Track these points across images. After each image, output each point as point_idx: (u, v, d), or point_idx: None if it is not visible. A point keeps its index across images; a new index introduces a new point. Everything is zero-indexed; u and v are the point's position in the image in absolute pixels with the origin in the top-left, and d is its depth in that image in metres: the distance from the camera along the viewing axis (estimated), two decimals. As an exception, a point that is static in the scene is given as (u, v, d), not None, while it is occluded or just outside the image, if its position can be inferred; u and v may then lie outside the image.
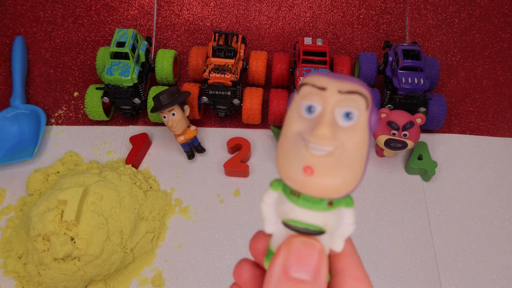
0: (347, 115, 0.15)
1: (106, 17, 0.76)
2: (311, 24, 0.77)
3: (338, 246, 0.18)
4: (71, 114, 0.69)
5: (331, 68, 0.68)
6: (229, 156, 0.64)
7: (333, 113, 0.16)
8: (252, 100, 0.63)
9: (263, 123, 0.67)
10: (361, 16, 0.77)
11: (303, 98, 0.16)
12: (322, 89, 0.16)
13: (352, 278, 0.18)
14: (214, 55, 0.61)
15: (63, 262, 0.49)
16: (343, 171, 0.15)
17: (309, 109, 0.16)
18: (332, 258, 0.19)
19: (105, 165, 0.62)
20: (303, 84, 0.16)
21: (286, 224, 0.17)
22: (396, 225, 0.58)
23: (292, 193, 0.17)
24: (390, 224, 0.58)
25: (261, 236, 0.19)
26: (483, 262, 0.56)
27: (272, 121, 0.65)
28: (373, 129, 0.16)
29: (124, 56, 0.61)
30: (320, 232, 0.17)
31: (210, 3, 0.77)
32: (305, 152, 0.15)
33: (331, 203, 0.17)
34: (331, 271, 0.19)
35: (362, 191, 0.61)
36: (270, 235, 0.18)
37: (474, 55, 0.75)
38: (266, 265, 0.18)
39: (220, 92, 0.61)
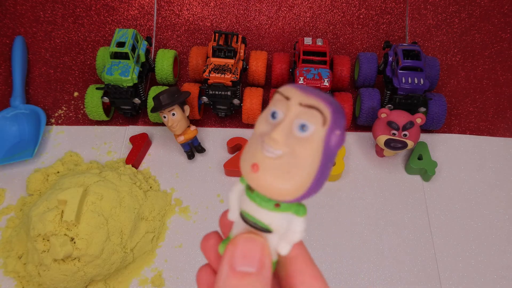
0: (302, 127, 0.16)
1: (106, 17, 0.76)
2: (311, 24, 0.77)
3: (283, 249, 0.18)
4: (71, 114, 0.69)
5: (331, 68, 0.68)
6: (229, 156, 0.64)
7: (292, 122, 0.16)
8: (252, 100, 0.63)
9: (263, 123, 0.67)
10: (361, 16, 0.77)
11: (271, 104, 0.17)
12: (287, 98, 0.17)
13: (309, 277, 0.19)
14: (214, 55, 0.61)
15: (63, 263, 0.49)
16: (286, 176, 0.16)
17: (273, 115, 0.17)
18: (288, 260, 0.19)
19: (105, 165, 0.62)
20: (276, 92, 0.18)
21: (241, 214, 0.18)
22: (396, 225, 0.58)
23: (249, 188, 0.18)
24: (390, 224, 0.58)
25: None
26: (483, 262, 0.56)
27: (272, 121, 0.65)
28: (331, 148, 0.16)
29: (124, 56, 0.61)
30: (267, 230, 0.18)
31: (210, 3, 0.77)
32: (259, 151, 0.17)
33: (278, 205, 0.17)
34: (287, 272, 0.19)
35: (362, 191, 0.61)
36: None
37: (474, 55, 0.75)
38: (221, 250, 0.19)
39: (220, 92, 0.61)
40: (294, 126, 0.16)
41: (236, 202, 0.19)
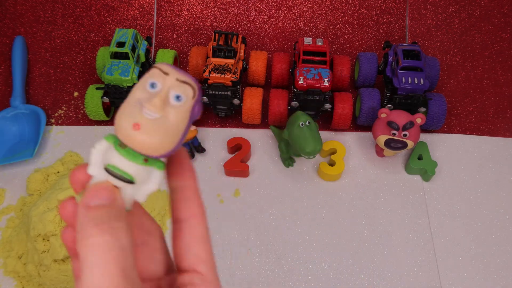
0: (177, 97, 0.21)
1: (106, 17, 0.76)
2: (311, 24, 0.77)
3: (141, 197, 0.22)
4: (71, 114, 0.69)
5: (331, 68, 0.68)
6: (229, 156, 0.64)
7: (168, 93, 0.21)
8: (252, 100, 0.63)
9: (263, 123, 0.67)
10: (361, 16, 0.77)
11: (150, 76, 0.21)
12: (166, 73, 0.21)
13: (194, 204, 0.24)
14: (214, 55, 0.61)
15: (63, 263, 0.49)
16: (161, 135, 0.21)
17: (152, 85, 0.21)
18: (178, 188, 0.24)
19: (105, 165, 0.62)
20: (153, 67, 0.22)
21: (107, 169, 0.21)
22: (396, 225, 0.58)
23: (120, 145, 0.21)
24: (390, 224, 0.58)
25: (84, 169, 0.22)
26: (483, 262, 0.56)
27: (272, 121, 0.65)
28: (194, 116, 0.22)
29: (124, 56, 0.61)
30: (131, 181, 0.21)
31: (210, 3, 0.77)
32: (139, 112, 0.20)
33: (146, 160, 0.21)
34: (174, 199, 0.24)
35: (362, 191, 0.61)
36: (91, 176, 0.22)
37: (474, 55, 0.75)
38: (78, 199, 0.22)
39: (220, 92, 0.61)
40: (170, 96, 0.21)
41: (99, 159, 0.22)
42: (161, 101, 0.21)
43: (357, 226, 0.58)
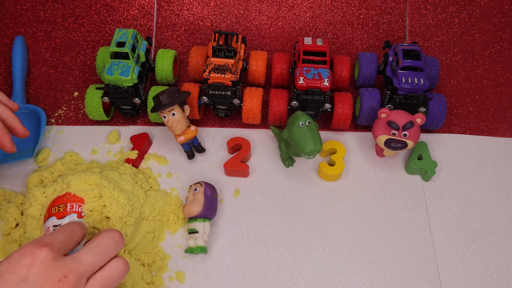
0: (195, 189, 0.56)
1: (106, 17, 0.76)
2: (311, 24, 0.77)
3: (201, 242, 0.55)
4: (71, 114, 0.69)
5: (331, 68, 0.68)
6: (229, 156, 0.64)
7: (192, 188, 0.58)
8: (252, 100, 0.63)
9: (263, 123, 0.67)
10: (361, 16, 0.77)
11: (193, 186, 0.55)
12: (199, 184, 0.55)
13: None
14: (214, 55, 0.61)
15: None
16: (192, 207, 0.57)
17: (195, 189, 0.57)
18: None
19: (105, 165, 0.62)
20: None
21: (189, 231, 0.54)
22: (396, 225, 0.58)
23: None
24: (390, 224, 0.59)
25: None
26: (483, 262, 0.56)
27: (272, 121, 0.65)
28: (208, 196, 0.56)
29: (124, 56, 0.61)
30: (196, 231, 0.53)
31: (210, 3, 0.77)
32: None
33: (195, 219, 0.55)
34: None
35: (362, 191, 0.61)
36: None
37: (474, 55, 0.75)
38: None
39: (220, 92, 0.61)
40: (192, 189, 0.55)
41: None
42: (191, 193, 0.55)
43: (357, 226, 0.58)
